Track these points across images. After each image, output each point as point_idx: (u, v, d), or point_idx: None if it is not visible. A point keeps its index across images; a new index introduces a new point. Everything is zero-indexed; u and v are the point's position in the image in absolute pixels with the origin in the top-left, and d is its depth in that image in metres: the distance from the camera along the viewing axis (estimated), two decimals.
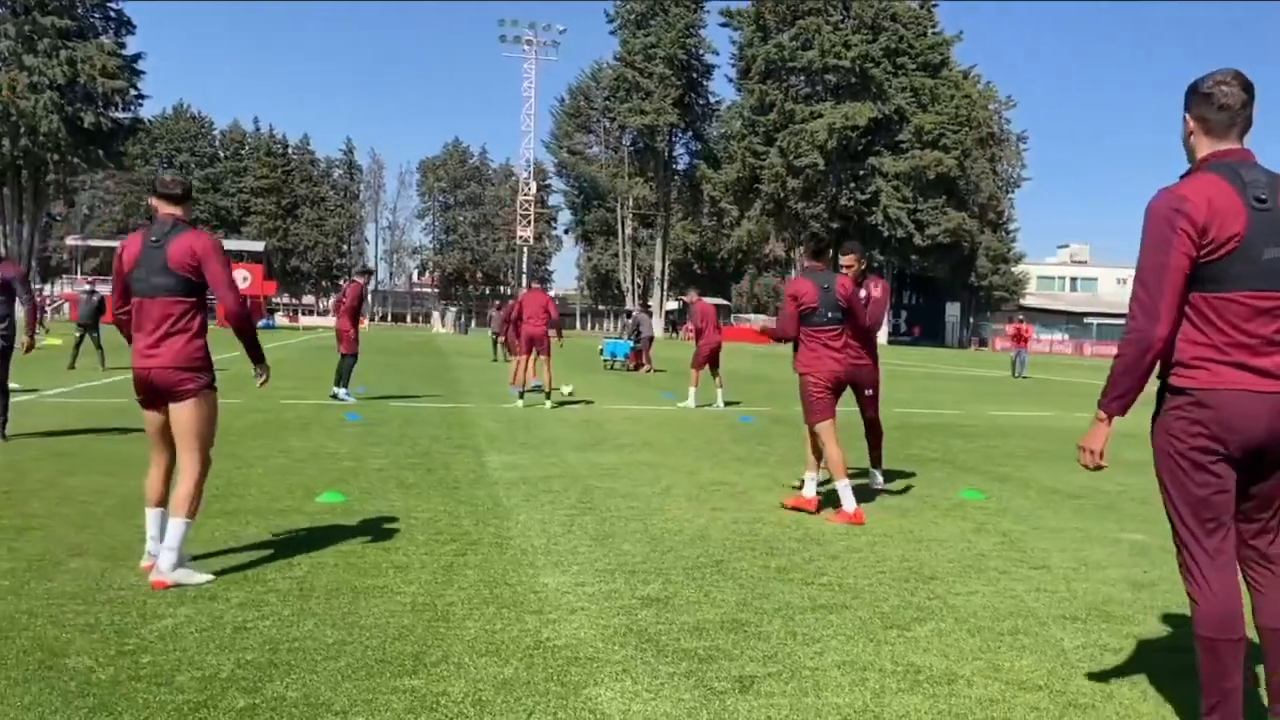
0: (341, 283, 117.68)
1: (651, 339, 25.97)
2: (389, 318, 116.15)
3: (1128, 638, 4.14)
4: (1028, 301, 79.67)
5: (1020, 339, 27.19)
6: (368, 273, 17.27)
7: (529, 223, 68.65)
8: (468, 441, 10.10)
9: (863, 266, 7.59)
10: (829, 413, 6.73)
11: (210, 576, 4.61)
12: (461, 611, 4.27)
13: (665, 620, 4.22)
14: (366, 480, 7.53)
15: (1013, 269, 78.84)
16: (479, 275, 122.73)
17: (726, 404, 15.41)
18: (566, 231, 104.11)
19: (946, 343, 75.13)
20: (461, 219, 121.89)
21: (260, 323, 70.30)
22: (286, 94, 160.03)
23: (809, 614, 4.35)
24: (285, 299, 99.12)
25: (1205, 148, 2.95)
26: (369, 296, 15.76)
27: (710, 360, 15.50)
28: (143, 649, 3.69)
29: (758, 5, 71.41)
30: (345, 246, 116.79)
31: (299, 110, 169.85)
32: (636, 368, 25.26)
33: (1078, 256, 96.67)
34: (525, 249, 69.75)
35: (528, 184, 68.99)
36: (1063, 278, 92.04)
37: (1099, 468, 3.13)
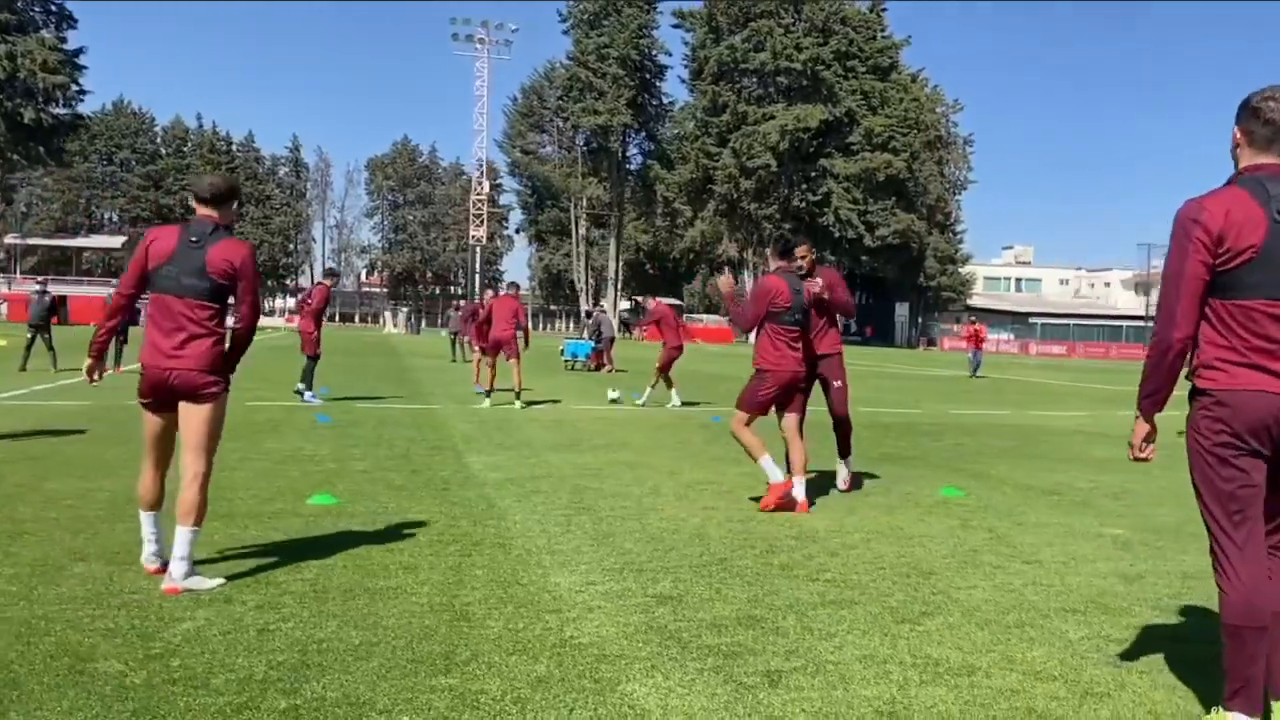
0: (289, 283, 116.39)
1: (613, 339, 26.05)
2: (336, 318, 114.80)
3: (1128, 629, 4.30)
4: (974, 302, 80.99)
5: (976, 339, 27.71)
6: (334, 275, 17.25)
7: (482, 222, 68.28)
8: (445, 443, 10.09)
9: (813, 257, 7.53)
10: (762, 413, 6.97)
11: (221, 581, 4.59)
12: (480, 611, 4.30)
13: (683, 617, 4.29)
14: (353, 482, 7.51)
15: (960, 270, 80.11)
16: (429, 275, 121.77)
17: (685, 403, 15.52)
18: (518, 231, 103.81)
19: (896, 343, 76.17)
20: (411, 218, 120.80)
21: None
22: (231, 91, 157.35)
23: (821, 609, 4.46)
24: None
25: (1245, 160, 3.09)
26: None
27: (669, 363, 15.61)
28: (170, 652, 3.68)
29: (710, 7, 71.83)
30: (292, 245, 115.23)
31: (244, 107, 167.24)
32: (598, 368, 25.31)
33: (1022, 257, 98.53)
34: (478, 249, 69.30)
35: (480, 183, 68.55)
36: (1008, 278, 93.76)
37: (1142, 460, 3.33)
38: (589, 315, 27.21)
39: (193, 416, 4.58)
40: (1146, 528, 6.60)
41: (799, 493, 6.91)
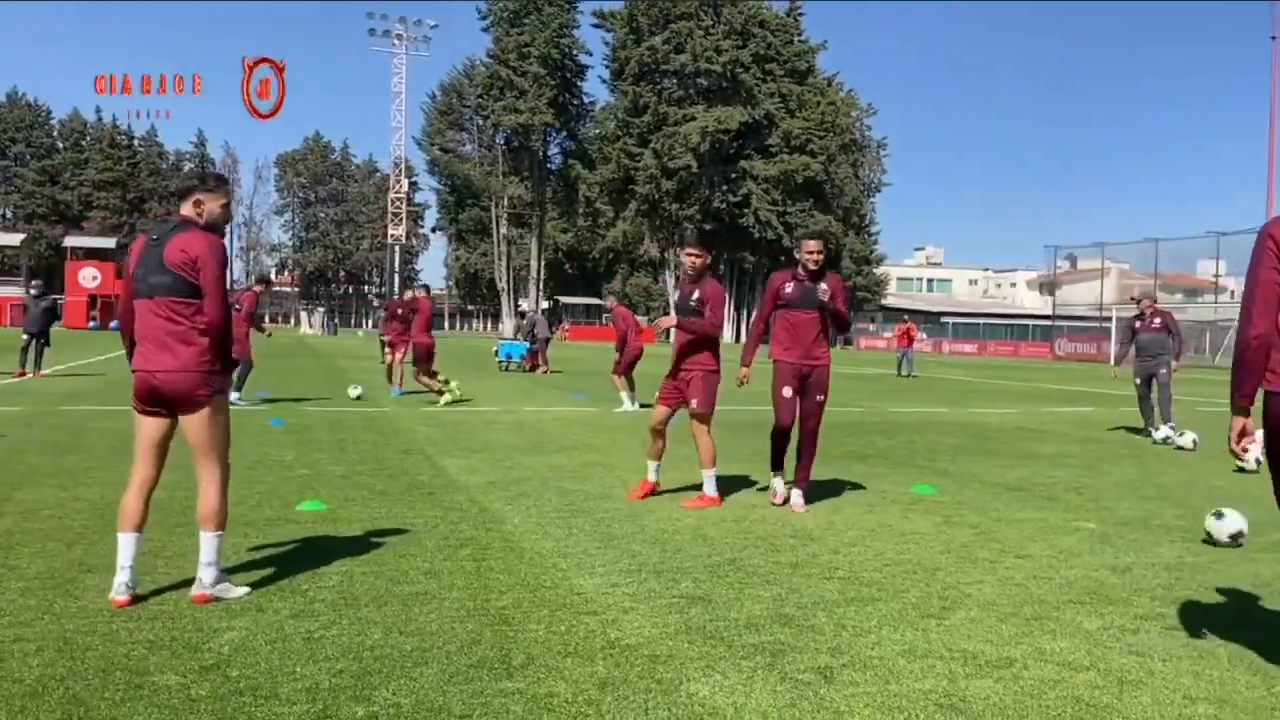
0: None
1: (548, 340, 26.01)
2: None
3: (1135, 619, 4.53)
4: (888, 301, 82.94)
5: (908, 339, 28.34)
6: (266, 283, 17.00)
7: (400, 221, 67.33)
8: (412, 447, 10.01)
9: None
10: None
11: (247, 590, 4.53)
12: (517, 615, 4.33)
13: (717, 617, 4.39)
14: (335, 488, 7.42)
15: (875, 270, 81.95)
16: (342, 274, 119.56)
17: (643, 405, 15.57)
18: (434, 230, 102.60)
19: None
20: (323, 216, 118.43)
21: (114, 324, 66.90)
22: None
23: (846, 607, 4.60)
24: None
25: None
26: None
27: (630, 365, 15.65)
28: (224, 663, 3.63)
29: (630, 7, 72.14)
30: None
31: (145, 101, 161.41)
32: (533, 369, 25.24)
33: (933, 258, 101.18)
34: (397, 248, 68.33)
35: (399, 181, 67.58)
36: (920, 279, 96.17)
37: (1237, 454, 3.75)
38: (522, 316, 27.08)
39: (192, 424, 4.46)
40: (1115, 521, 6.92)
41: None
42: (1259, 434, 3.72)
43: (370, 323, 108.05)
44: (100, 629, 3.97)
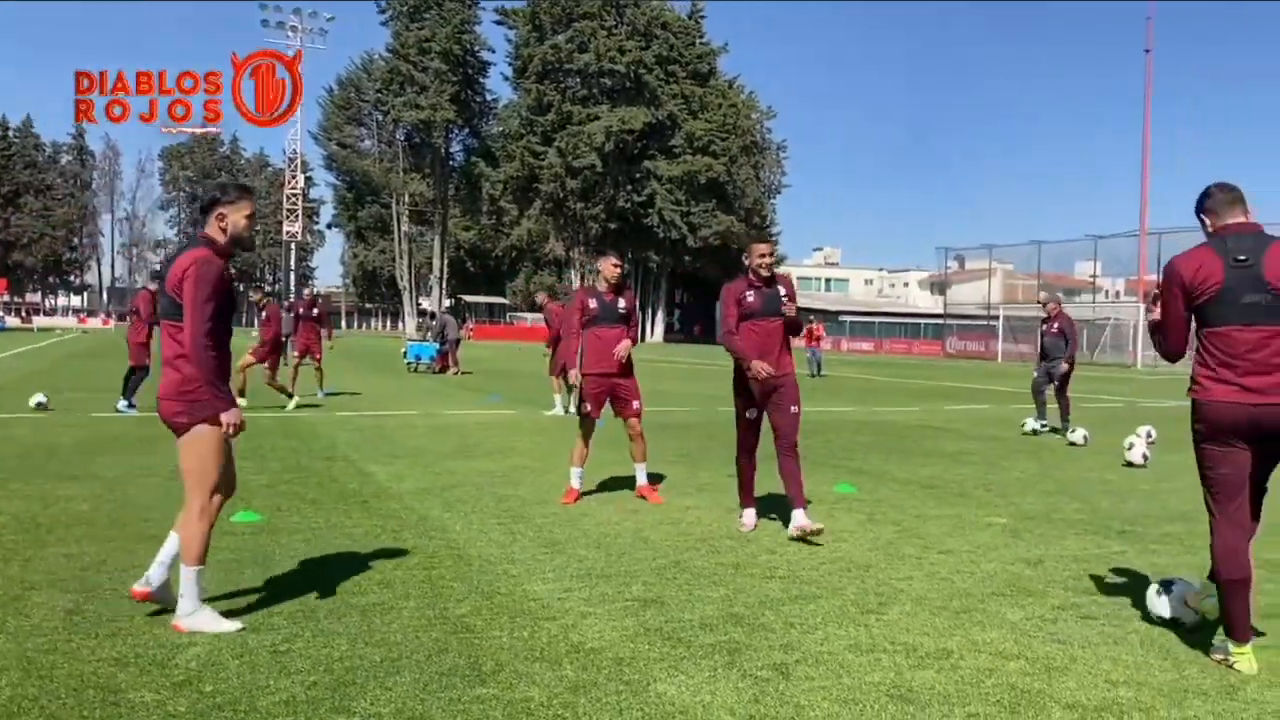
0: (74, 279, 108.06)
1: (458, 341, 25.85)
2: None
3: (1053, 609, 4.88)
4: None
5: (814, 338, 28.97)
6: (161, 279, 16.35)
7: (297, 217, 65.68)
8: (334, 453, 9.95)
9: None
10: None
11: (240, 625, 4.27)
12: (479, 623, 4.45)
13: (672, 619, 4.57)
14: (264, 498, 7.37)
15: (776, 270, 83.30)
16: (232, 271, 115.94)
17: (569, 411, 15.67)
18: (330, 226, 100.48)
19: (717, 340, 78.33)
20: None
21: None
22: (4, 72, 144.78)
23: (791, 605, 4.84)
24: (7, 297, 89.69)
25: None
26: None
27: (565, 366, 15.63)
28: (195, 678, 3.67)
29: (533, 5, 71.95)
30: (76, 240, 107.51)
31: (19, 90, 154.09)
32: (443, 370, 25.06)
33: (830, 259, 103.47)
34: (294, 245, 66.70)
35: (295, 177, 65.92)
36: (818, 278, 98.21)
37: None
38: (431, 316, 26.83)
39: (179, 451, 4.37)
40: (1022, 515, 7.34)
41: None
42: (1147, 429, 4.29)
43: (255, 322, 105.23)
44: (60, 647, 3.95)
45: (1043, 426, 13.16)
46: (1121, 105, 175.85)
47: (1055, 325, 13.34)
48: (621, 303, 7.71)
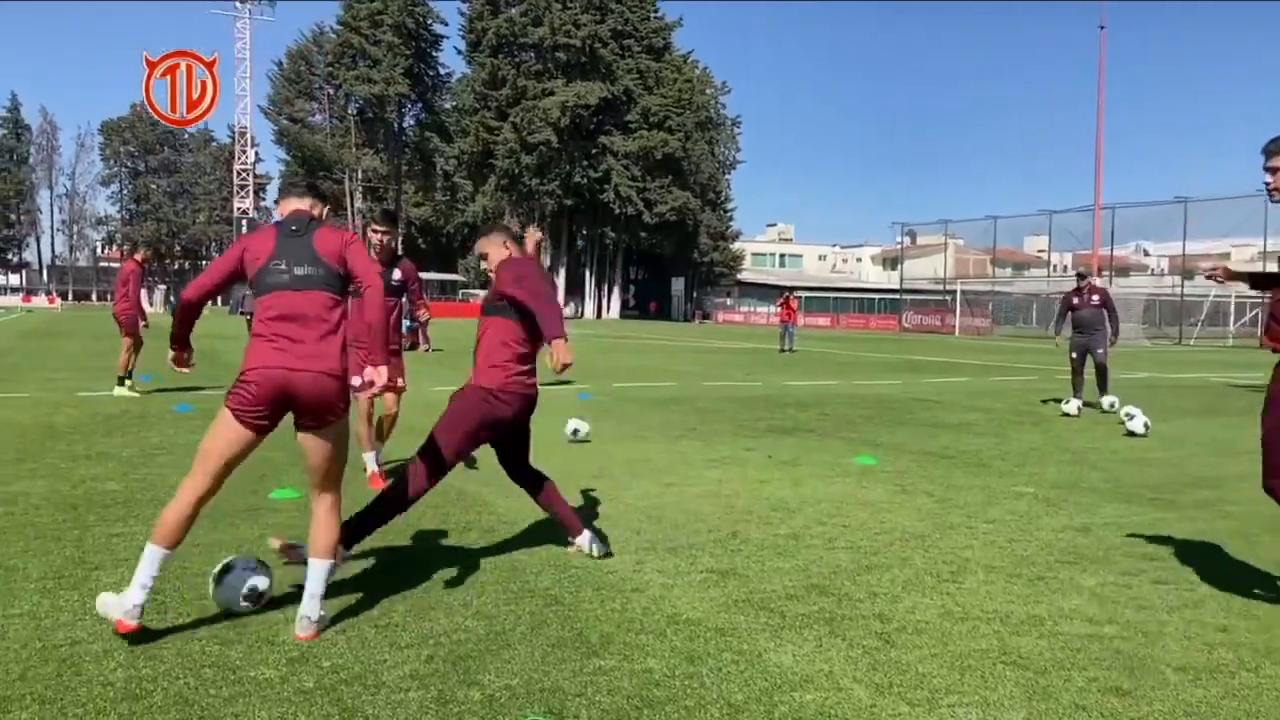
0: (12, 257, 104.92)
1: (428, 319, 25.46)
2: (69, 295, 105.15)
3: (1123, 575, 4.96)
4: (743, 277, 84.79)
5: (790, 311, 28.95)
6: (139, 248, 15.72)
7: (248, 193, 64.42)
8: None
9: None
10: None
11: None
12: (567, 595, 4.42)
13: (755, 590, 4.58)
14: (295, 475, 7.23)
15: (730, 246, 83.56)
16: (177, 249, 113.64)
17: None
18: (277, 203, 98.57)
19: (673, 316, 78.54)
20: (155, 187, 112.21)
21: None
22: None
23: (866, 575, 4.87)
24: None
25: None
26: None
27: None
28: (308, 655, 3.61)
29: None
30: (13, 216, 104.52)
31: None
32: (413, 347, 24.74)
33: (784, 235, 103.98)
34: (245, 221, 65.43)
35: (245, 151, 64.57)
36: (773, 254, 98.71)
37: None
38: None
39: (323, 440, 4.11)
40: (1049, 485, 7.46)
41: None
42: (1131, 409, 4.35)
43: (217, 301, 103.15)
44: (156, 626, 3.85)
45: (1085, 406, 12.52)
46: (1079, 79, 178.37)
47: (1094, 297, 13.00)
48: (396, 274, 7.17)
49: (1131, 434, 10.21)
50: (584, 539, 5.10)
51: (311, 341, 3.91)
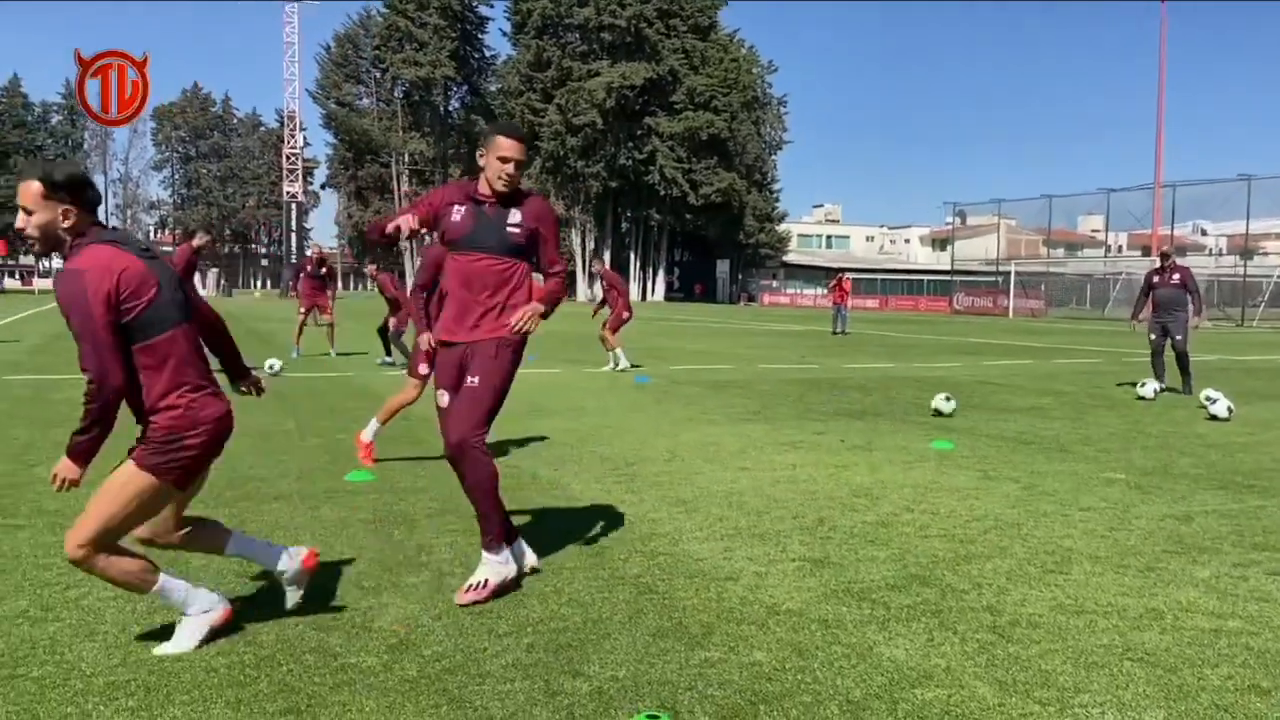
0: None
1: None
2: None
3: (1235, 566, 4.74)
4: (789, 259, 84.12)
5: (843, 293, 28.47)
6: (197, 234, 15.75)
7: (296, 177, 64.98)
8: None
9: None
10: None
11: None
12: (660, 583, 4.30)
13: (853, 580, 4.42)
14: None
15: (776, 227, 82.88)
16: (228, 232, 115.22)
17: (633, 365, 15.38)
18: (324, 186, 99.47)
19: (719, 299, 78.16)
20: (205, 171, 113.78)
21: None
22: None
23: (965, 565, 4.69)
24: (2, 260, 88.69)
25: None
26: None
27: (618, 326, 15.21)
28: (407, 641, 3.51)
29: None
30: None
31: (6, 49, 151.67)
32: None
33: (831, 215, 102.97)
34: (294, 205, 66.00)
35: (294, 135, 65.09)
36: (819, 235, 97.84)
37: None
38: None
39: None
40: (1138, 471, 7.19)
41: None
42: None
43: (267, 283, 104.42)
44: (250, 613, 3.78)
45: (1162, 389, 12.05)
46: (1135, 57, 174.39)
47: (1175, 275, 12.56)
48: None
49: (1214, 418, 9.88)
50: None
51: None
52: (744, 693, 3.18)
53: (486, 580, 4.02)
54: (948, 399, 10.05)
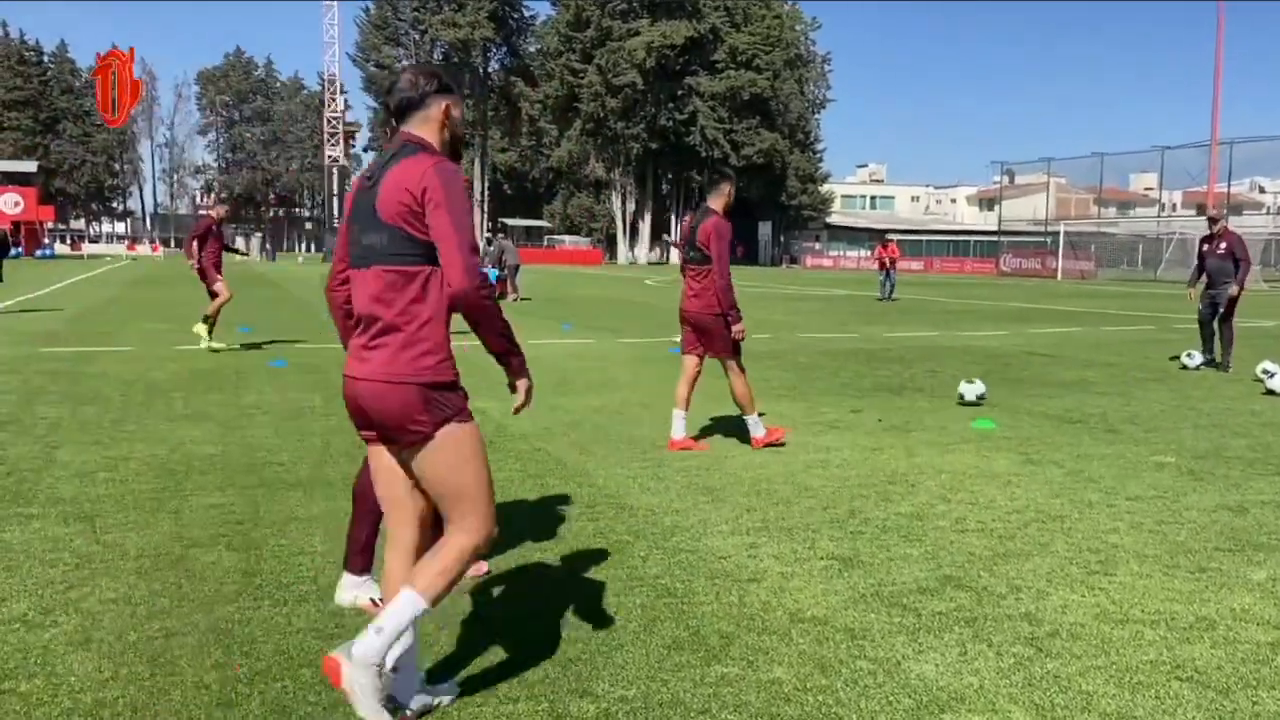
0: (117, 206, 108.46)
1: (518, 267, 25.42)
2: (171, 243, 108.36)
3: None
4: (832, 220, 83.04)
5: (890, 258, 27.73)
6: (222, 203, 15.44)
7: (338, 140, 65.06)
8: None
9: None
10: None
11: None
12: (679, 585, 4.11)
13: (883, 581, 4.20)
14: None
15: (819, 188, 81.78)
16: (271, 196, 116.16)
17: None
18: (365, 150, 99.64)
19: (760, 262, 77.44)
20: (249, 136, 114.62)
21: (39, 252, 64.08)
22: None
23: (1003, 564, 4.45)
24: (53, 225, 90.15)
25: None
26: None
27: None
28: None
29: None
30: (117, 165, 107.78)
31: (53, 13, 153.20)
32: (501, 296, 24.70)
33: (876, 176, 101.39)
34: (336, 169, 66.17)
35: (334, 99, 65.07)
36: (864, 196, 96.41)
37: None
38: (488, 241, 26.38)
39: None
40: (1190, 454, 6.87)
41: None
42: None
43: (311, 246, 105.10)
44: (252, 616, 3.66)
45: (1207, 360, 11.67)
46: (1194, 9, 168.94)
47: (1223, 244, 11.82)
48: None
49: (1272, 393, 9.47)
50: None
51: None
52: (760, 716, 3.00)
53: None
54: (970, 383, 8.97)
